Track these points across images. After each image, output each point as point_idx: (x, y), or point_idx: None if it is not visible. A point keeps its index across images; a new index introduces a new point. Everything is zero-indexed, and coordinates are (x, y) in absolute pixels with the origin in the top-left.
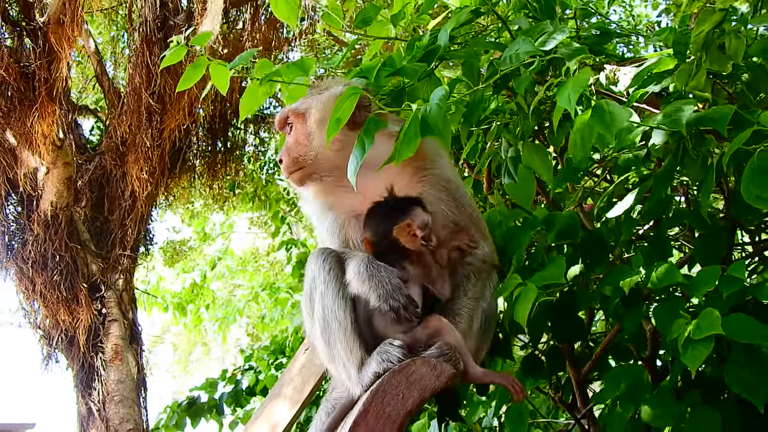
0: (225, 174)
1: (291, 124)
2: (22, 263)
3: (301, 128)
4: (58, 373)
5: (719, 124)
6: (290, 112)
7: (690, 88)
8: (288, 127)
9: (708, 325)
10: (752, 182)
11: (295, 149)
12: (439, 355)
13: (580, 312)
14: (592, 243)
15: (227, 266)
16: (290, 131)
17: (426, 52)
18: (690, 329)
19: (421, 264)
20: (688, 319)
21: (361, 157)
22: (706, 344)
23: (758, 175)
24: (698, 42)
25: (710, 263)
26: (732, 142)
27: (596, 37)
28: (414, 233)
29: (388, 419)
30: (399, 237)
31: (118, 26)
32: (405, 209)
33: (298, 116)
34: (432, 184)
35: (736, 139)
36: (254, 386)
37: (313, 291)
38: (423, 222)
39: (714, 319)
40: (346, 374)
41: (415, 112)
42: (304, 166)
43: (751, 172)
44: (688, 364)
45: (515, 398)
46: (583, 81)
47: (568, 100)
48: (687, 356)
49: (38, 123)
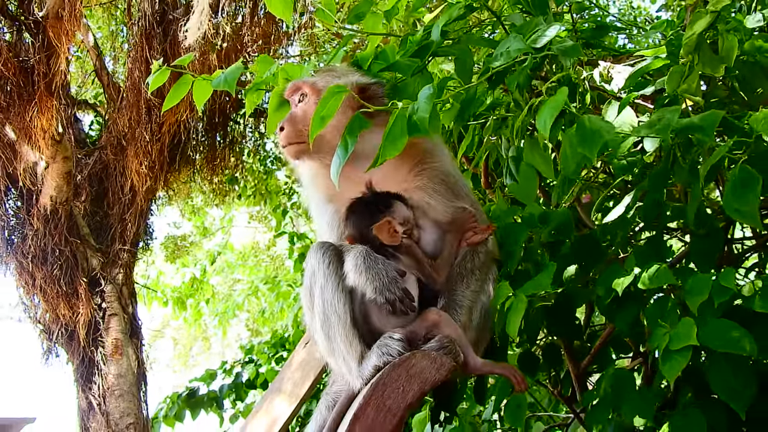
0: (224, 168)
1: (304, 96)
2: (22, 258)
3: (315, 101)
4: (58, 367)
5: (707, 132)
6: (306, 84)
7: (681, 91)
8: (298, 96)
9: (684, 336)
10: (733, 195)
11: (302, 121)
12: (440, 348)
13: (576, 311)
14: (587, 244)
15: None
16: (298, 102)
17: (419, 48)
18: (668, 339)
19: (411, 256)
20: (667, 328)
21: (344, 157)
22: (684, 354)
23: (739, 188)
24: (690, 45)
25: (705, 263)
26: (713, 153)
27: (592, 31)
28: (394, 230)
29: (389, 412)
30: (379, 235)
31: (117, 21)
32: (384, 206)
33: (314, 91)
34: (430, 177)
35: (717, 151)
36: (255, 379)
37: (312, 285)
38: (403, 217)
39: (690, 330)
40: (347, 368)
41: (401, 111)
42: (306, 142)
43: (733, 185)
44: (667, 375)
45: (517, 389)
46: (558, 103)
47: (544, 125)
48: (666, 367)
49: (37, 117)
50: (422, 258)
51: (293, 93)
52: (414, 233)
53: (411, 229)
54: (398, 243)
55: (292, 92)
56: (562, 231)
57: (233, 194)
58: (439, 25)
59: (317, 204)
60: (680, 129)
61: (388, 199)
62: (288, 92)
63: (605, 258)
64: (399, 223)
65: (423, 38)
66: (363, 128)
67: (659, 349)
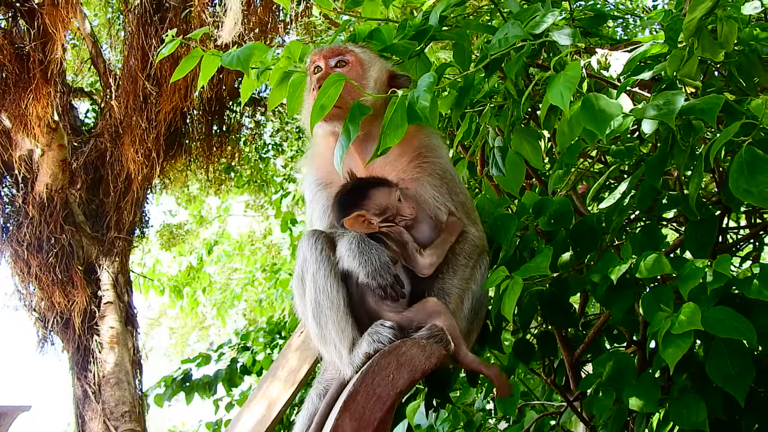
0: (221, 157)
1: (344, 63)
2: (17, 246)
3: (357, 72)
4: (53, 355)
5: (709, 115)
6: (351, 53)
7: (681, 75)
8: (336, 60)
9: (688, 321)
10: (740, 176)
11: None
12: (430, 336)
13: (571, 298)
14: (582, 230)
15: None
16: (339, 67)
17: (417, 32)
18: (670, 324)
19: (395, 242)
20: (669, 312)
21: (347, 144)
22: (686, 339)
23: (746, 168)
24: (690, 29)
25: (701, 251)
26: (721, 135)
27: (590, 20)
28: (368, 221)
29: (379, 400)
30: (352, 228)
31: (113, 8)
32: (359, 197)
33: (358, 62)
34: (430, 172)
35: (725, 132)
36: (251, 366)
37: (304, 273)
38: (380, 206)
39: (694, 315)
40: (338, 355)
41: (401, 98)
42: (344, 107)
43: (739, 166)
44: (667, 360)
45: (499, 394)
46: (575, 76)
47: (560, 97)
48: (667, 352)
49: (33, 105)
50: (408, 241)
51: (332, 55)
52: (397, 218)
53: (393, 216)
54: (376, 230)
55: (334, 55)
56: (561, 219)
57: (229, 183)
58: (437, 11)
59: (313, 189)
60: (682, 112)
61: (366, 189)
62: (329, 52)
63: (600, 245)
64: (375, 214)
65: (421, 23)
66: (364, 115)
67: (659, 334)
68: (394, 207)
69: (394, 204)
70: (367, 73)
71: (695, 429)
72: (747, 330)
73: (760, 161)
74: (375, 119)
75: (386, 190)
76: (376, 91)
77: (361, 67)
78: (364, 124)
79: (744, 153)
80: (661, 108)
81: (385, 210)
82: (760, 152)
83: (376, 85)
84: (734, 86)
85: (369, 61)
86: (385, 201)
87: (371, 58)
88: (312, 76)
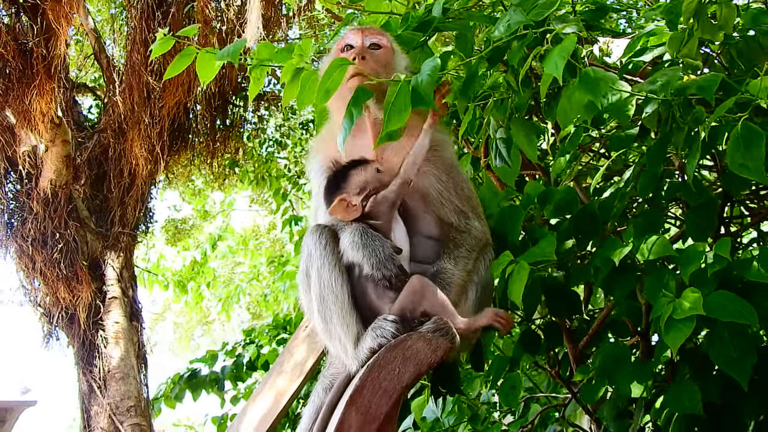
0: (224, 152)
1: (379, 46)
2: (21, 241)
3: (389, 57)
4: (59, 350)
5: (707, 92)
6: (387, 38)
7: (681, 56)
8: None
9: (690, 306)
10: (737, 151)
11: (382, 65)
12: (435, 329)
13: (574, 286)
14: (584, 217)
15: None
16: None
17: (420, 23)
18: (672, 309)
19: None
20: (671, 297)
21: (350, 128)
22: (688, 324)
23: (743, 143)
24: (689, 10)
25: (701, 236)
26: (716, 110)
27: (592, 12)
28: (351, 204)
29: (385, 394)
30: (337, 216)
31: (116, 3)
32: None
33: (391, 48)
34: (437, 165)
35: (720, 107)
36: (255, 360)
37: (309, 267)
38: (359, 185)
39: (696, 300)
40: (343, 350)
41: (404, 82)
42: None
43: (736, 141)
44: (670, 344)
45: (502, 331)
46: (569, 47)
47: (555, 66)
48: (669, 336)
49: (37, 101)
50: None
51: (371, 34)
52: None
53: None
54: (360, 214)
55: (370, 33)
56: (565, 208)
57: (233, 178)
58: (440, 2)
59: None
60: (681, 89)
61: (343, 173)
62: (361, 30)
63: (602, 232)
64: (355, 194)
65: (424, 15)
66: (366, 99)
67: (662, 319)
68: (373, 180)
69: (372, 177)
70: (396, 60)
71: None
72: (749, 314)
73: (755, 135)
74: None
75: (361, 168)
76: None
77: (393, 54)
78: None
79: (740, 128)
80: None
81: (364, 186)
82: (755, 127)
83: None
84: (734, 73)
85: (399, 52)
86: (362, 178)
87: (400, 49)
88: (341, 54)
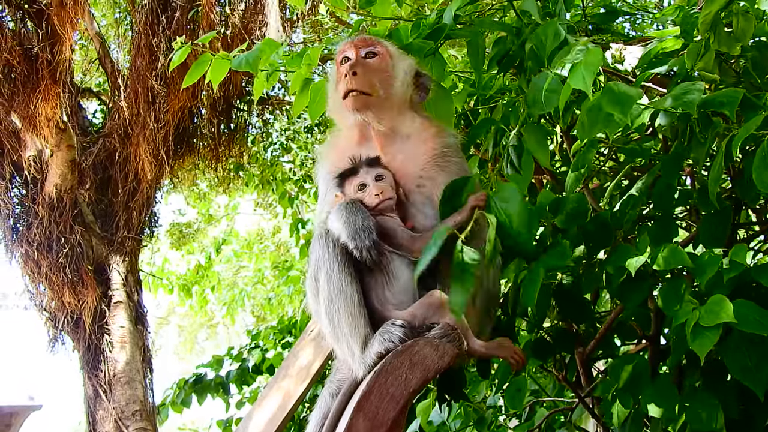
0: (229, 156)
1: (374, 54)
2: (27, 246)
3: (387, 64)
4: (64, 355)
5: (729, 108)
6: (382, 45)
7: (698, 69)
8: (367, 50)
9: (719, 313)
10: (765, 170)
11: (377, 74)
12: (443, 335)
13: (586, 294)
14: (595, 225)
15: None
16: (366, 56)
17: (432, 31)
18: (699, 315)
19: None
20: (696, 304)
21: None
22: (715, 331)
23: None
24: (706, 23)
25: (714, 244)
26: (742, 128)
27: (602, 16)
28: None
29: (392, 399)
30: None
31: (120, 8)
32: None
33: (388, 54)
34: (448, 172)
35: (747, 125)
36: (260, 364)
37: (317, 271)
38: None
39: (725, 308)
40: (350, 353)
41: None
42: (372, 95)
43: (763, 160)
44: (697, 351)
45: (514, 367)
46: (597, 61)
47: (583, 81)
48: (696, 343)
49: (42, 106)
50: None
51: (363, 45)
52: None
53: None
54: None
55: (363, 44)
56: (576, 216)
57: (238, 182)
58: (451, 9)
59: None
60: (701, 104)
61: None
62: (361, 42)
63: (613, 240)
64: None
65: (435, 22)
66: None
67: (688, 325)
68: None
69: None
70: (396, 66)
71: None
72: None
73: None
74: (400, 114)
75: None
76: (404, 85)
77: (391, 60)
78: (388, 119)
79: (766, 146)
80: (680, 98)
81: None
82: None
83: (405, 78)
84: (748, 83)
85: (398, 56)
86: (359, 180)
87: (399, 53)
88: (340, 67)
